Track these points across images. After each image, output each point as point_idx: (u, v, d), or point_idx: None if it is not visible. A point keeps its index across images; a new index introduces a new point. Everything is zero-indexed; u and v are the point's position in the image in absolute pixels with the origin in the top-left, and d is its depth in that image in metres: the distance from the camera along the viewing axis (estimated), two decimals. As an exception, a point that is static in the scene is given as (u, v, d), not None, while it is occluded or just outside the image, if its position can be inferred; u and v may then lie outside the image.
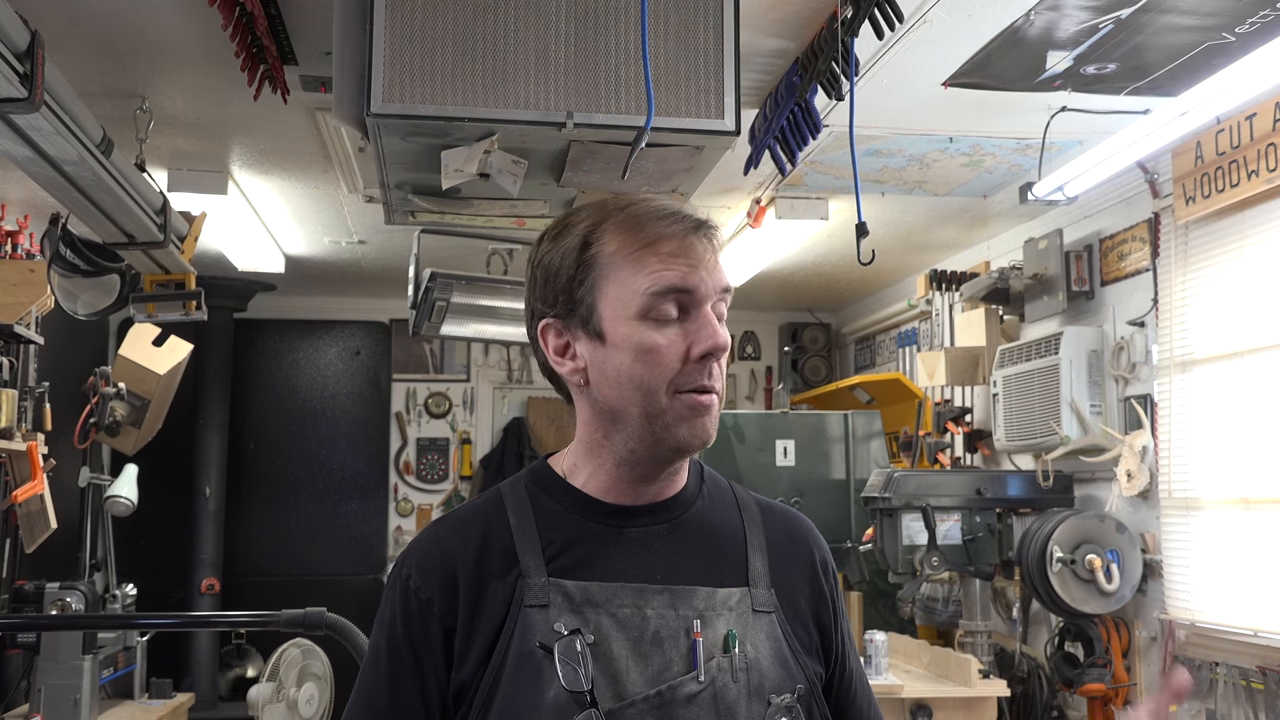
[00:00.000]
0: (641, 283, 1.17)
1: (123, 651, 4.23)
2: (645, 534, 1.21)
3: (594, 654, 1.12)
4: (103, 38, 2.95)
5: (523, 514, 1.22)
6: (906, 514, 4.21)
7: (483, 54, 2.29)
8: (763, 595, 1.22)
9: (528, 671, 1.13)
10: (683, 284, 1.17)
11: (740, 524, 1.27)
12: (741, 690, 1.15)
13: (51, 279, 3.51)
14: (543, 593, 1.16)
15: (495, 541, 1.20)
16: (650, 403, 1.17)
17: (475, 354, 7.02)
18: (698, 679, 1.14)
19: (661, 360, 1.16)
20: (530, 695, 1.12)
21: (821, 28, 2.83)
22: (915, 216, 4.77)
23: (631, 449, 1.20)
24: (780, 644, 1.20)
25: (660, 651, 1.15)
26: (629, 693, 1.12)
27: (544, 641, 1.12)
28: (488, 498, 1.26)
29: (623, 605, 1.16)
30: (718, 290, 1.20)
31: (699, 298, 1.18)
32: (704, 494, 1.28)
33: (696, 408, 1.17)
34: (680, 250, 1.18)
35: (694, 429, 1.18)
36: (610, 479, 1.22)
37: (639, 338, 1.17)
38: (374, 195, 4.26)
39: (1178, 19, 2.78)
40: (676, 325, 1.17)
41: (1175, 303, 3.86)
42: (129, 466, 4.60)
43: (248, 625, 5.33)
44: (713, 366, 1.18)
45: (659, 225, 1.19)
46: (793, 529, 1.32)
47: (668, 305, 1.17)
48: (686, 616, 1.17)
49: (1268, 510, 3.47)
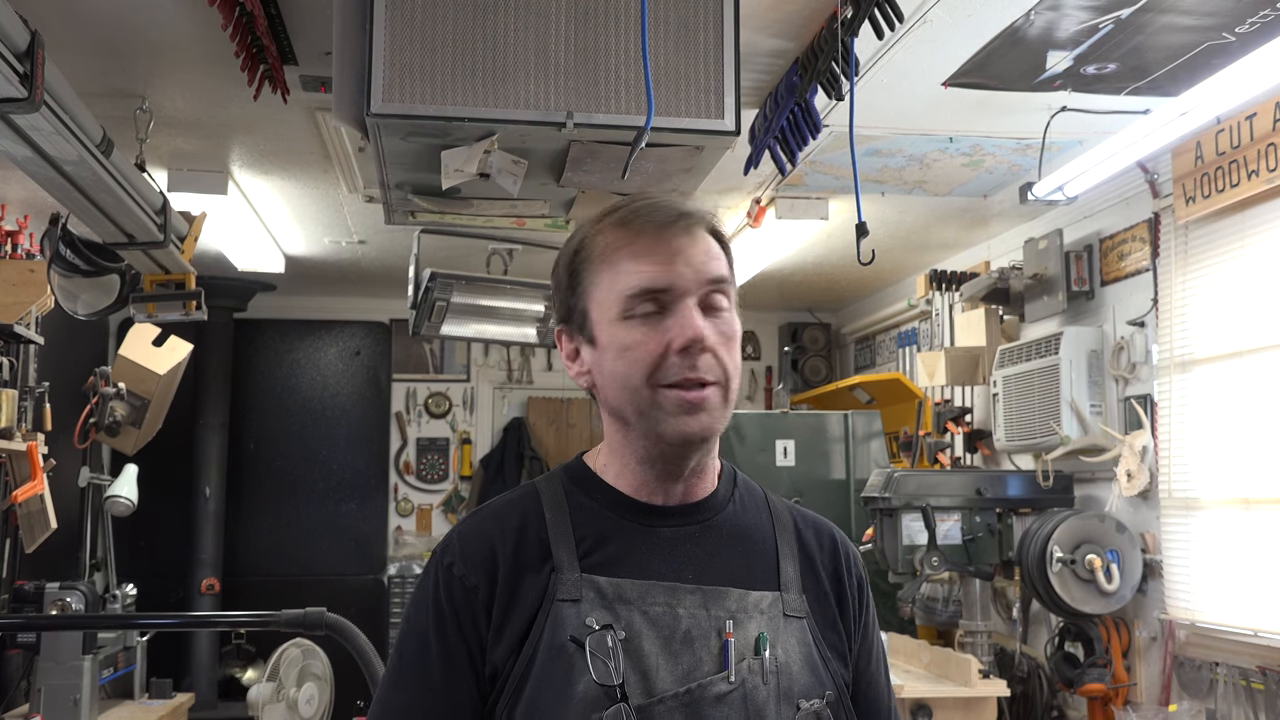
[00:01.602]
0: (618, 284, 1.19)
1: (123, 651, 4.23)
2: (677, 534, 1.22)
3: (625, 650, 1.13)
4: (103, 38, 2.95)
5: (558, 509, 1.23)
6: (906, 514, 4.21)
7: (483, 54, 2.29)
8: (794, 600, 1.22)
9: (558, 664, 1.13)
10: (653, 284, 1.17)
11: (772, 530, 1.27)
12: (771, 693, 1.16)
13: (51, 279, 3.51)
14: (575, 588, 1.17)
15: (531, 535, 1.21)
16: (637, 400, 1.18)
17: (475, 354, 7.02)
18: (728, 679, 1.14)
19: (637, 357, 1.17)
20: (560, 688, 1.13)
21: (821, 28, 2.83)
22: (915, 216, 4.77)
23: (645, 446, 1.21)
24: (811, 650, 1.21)
25: (691, 650, 1.15)
26: (658, 689, 1.13)
27: (575, 635, 1.13)
28: (524, 492, 1.28)
29: (655, 603, 1.16)
30: (702, 282, 1.19)
31: (676, 293, 1.17)
32: (736, 498, 1.28)
33: (682, 402, 1.16)
34: (655, 248, 1.18)
35: (682, 424, 1.17)
36: (636, 477, 1.23)
37: (619, 338, 1.18)
38: (374, 195, 4.26)
39: (1178, 19, 2.78)
40: (657, 321, 1.17)
41: (1175, 303, 3.86)
42: (129, 466, 4.60)
43: (248, 625, 5.33)
44: (700, 359, 1.16)
45: (637, 224, 1.20)
46: (825, 538, 1.31)
47: (645, 304, 1.18)
48: (719, 617, 1.17)
49: (1268, 510, 3.47)
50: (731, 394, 1.20)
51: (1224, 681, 3.60)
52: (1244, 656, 3.52)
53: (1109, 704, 4.01)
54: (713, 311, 1.19)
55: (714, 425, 1.18)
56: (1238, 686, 3.54)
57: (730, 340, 1.20)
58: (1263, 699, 3.44)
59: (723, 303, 1.20)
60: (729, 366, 1.19)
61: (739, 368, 1.22)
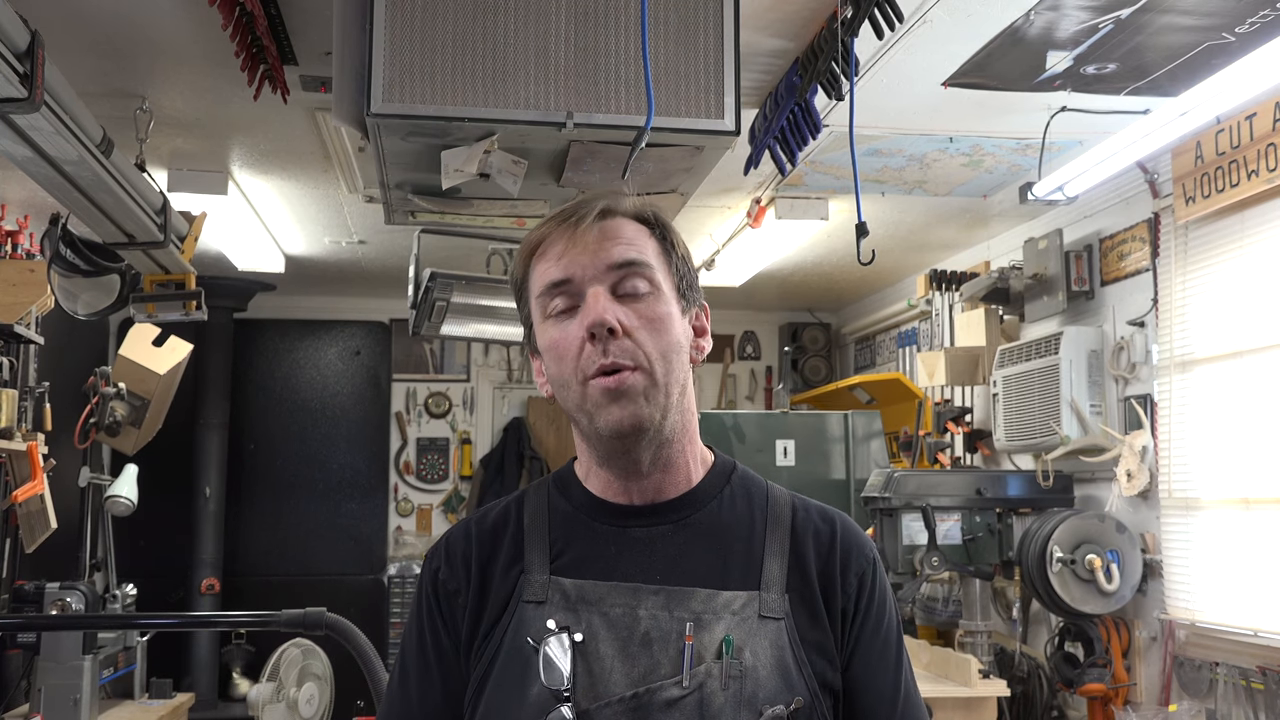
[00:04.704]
0: (535, 287, 1.20)
1: (123, 651, 4.22)
2: (649, 534, 1.20)
3: (581, 652, 1.12)
4: (103, 38, 2.95)
5: (537, 513, 1.23)
6: (906, 514, 4.21)
7: (483, 54, 2.29)
8: (773, 601, 1.17)
9: (516, 666, 1.13)
10: (555, 278, 1.17)
11: (762, 526, 1.22)
12: (730, 699, 1.11)
13: (51, 279, 3.50)
14: (542, 589, 1.16)
15: (509, 538, 1.22)
16: (572, 395, 1.17)
17: (475, 354, 7.02)
18: (680, 684, 1.11)
19: (561, 353, 1.17)
20: (516, 690, 1.13)
21: (821, 28, 2.83)
22: (915, 216, 4.77)
23: (594, 445, 1.20)
24: (784, 653, 1.15)
25: (648, 653, 1.12)
26: (608, 693, 1.11)
27: (533, 637, 1.13)
28: (513, 496, 1.29)
29: (615, 604, 1.15)
30: (603, 268, 1.16)
31: (578, 283, 1.16)
32: (725, 495, 1.24)
33: (606, 390, 1.13)
34: (559, 243, 1.18)
35: (610, 413, 1.14)
36: (602, 479, 1.22)
37: (545, 339, 1.19)
38: (374, 195, 4.26)
39: (1178, 19, 2.78)
40: (573, 316, 1.17)
41: (1175, 303, 3.86)
42: (129, 466, 4.60)
43: (248, 625, 5.33)
44: (612, 344, 1.13)
45: (547, 227, 1.21)
46: (825, 532, 1.24)
47: (555, 300, 1.18)
48: (681, 618, 1.14)
49: (1268, 510, 3.47)
50: (660, 378, 1.15)
51: (1224, 681, 3.60)
52: (1244, 656, 3.52)
53: (1109, 704, 4.01)
54: (630, 297, 1.16)
55: (642, 412, 1.14)
56: (1238, 686, 3.54)
57: (654, 323, 1.16)
58: (1263, 699, 3.44)
59: (640, 287, 1.17)
60: (650, 349, 1.15)
61: (672, 350, 1.17)
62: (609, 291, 1.16)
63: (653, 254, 1.20)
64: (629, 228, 1.20)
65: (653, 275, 1.18)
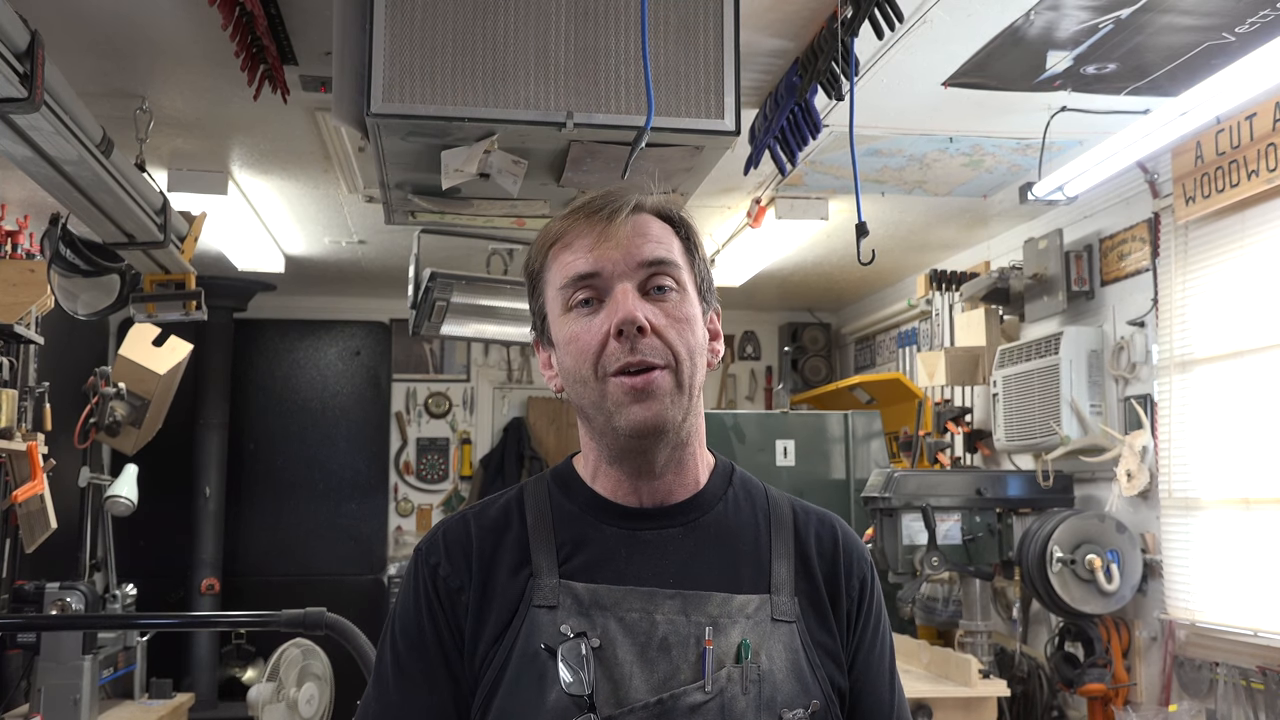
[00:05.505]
0: (557, 278, 1.18)
1: (123, 651, 4.22)
2: (659, 537, 1.18)
3: (599, 658, 1.10)
4: (103, 38, 2.95)
5: (540, 513, 1.21)
6: (906, 514, 4.21)
7: (483, 54, 2.29)
8: (784, 604, 1.17)
9: (531, 672, 1.11)
10: (582, 271, 1.16)
11: (767, 529, 1.22)
12: (751, 703, 1.11)
13: (51, 279, 3.50)
14: (553, 594, 1.14)
15: (513, 538, 1.19)
16: (589, 392, 1.15)
17: (475, 354, 7.02)
18: (703, 689, 1.10)
19: (580, 348, 1.15)
20: (532, 696, 1.10)
21: (821, 28, 2.83)
22: (915, 216, 4.77)
23: (608, 444, 1.18)
24: (799, 656, 1.15)
25: (667, 658, 1.11)
26: (630, 699, 1.09)
27: (549, 643, 1.11)
28: (510, 494, 1.25)
29: (631, 610, 1.13)
30: (634, 265, 1.15)
31: (606, 278, 1.15)
32: (729, 497, 1.23)
33: (629, 390, 1.12)
34: (586, 236, 1.17)
35: (632, 413, 1.12)
36: (611, 479, 1.20)
37: (565, 331, 1.17)
38: (374, 195, 4.26)
39: (1178, 19, 2.78)
40: (596, 310, 1.15)
41: (1175, 303, 3.86)
42: (129, 466, 4.60)
43: (248, 625, 5.33)
44: (640, 342, 1.12)
45: (573, 218, 1.19)
46: (826, 535, 1.24)
47: (580, 293, 1.16)
48: (699, 623, 1.13)
49: (1268, 510, 3.47)
50: (686, 379, 1.15)
51: (1224, 681, 3.60)
52: (1244, 656, 3.52)
53: (1109, 704, 4.01)
54: (657, 294, 1.16)
55: (667, 413, 1.13)
56: (1238, 686, 3.54)
57: (681, 322, 1.15)
58: (1263, 699, 3.44)
59: (668, 284, 1.16)
60: (679, 349, 1.14)
61: (697, 351, 1.16)
62: (637, 289, 1.15)
63: (678, 253, 1.20)
64: (656, 225, 1.19)
65: (679, 275, 1.18)
